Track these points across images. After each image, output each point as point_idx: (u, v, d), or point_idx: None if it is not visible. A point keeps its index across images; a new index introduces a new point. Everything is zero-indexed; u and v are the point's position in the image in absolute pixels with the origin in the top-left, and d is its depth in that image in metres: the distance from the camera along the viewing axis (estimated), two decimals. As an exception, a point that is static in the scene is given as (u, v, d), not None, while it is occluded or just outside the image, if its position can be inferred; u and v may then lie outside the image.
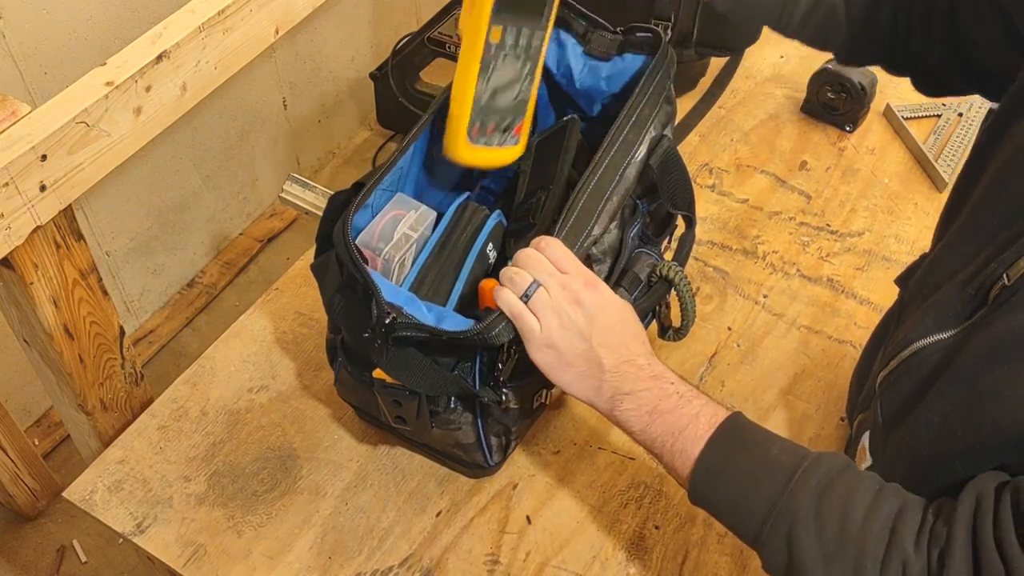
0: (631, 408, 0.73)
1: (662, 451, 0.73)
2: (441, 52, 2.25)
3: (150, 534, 0.90)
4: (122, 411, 1.04)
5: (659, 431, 0.72)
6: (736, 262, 1.17)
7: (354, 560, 0.88)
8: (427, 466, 0.96)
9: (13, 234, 0.82)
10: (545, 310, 0.73)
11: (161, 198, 1.99)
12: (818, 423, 1.00)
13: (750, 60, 1.47)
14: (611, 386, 0.74)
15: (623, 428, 0.75)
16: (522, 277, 0.75)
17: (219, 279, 2.19)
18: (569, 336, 0.73)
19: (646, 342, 0.76)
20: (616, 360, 0.73)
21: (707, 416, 0.72)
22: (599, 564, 0.89)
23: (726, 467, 0.70)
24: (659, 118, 0.88)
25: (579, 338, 0.73)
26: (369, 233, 0.85)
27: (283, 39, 1.70)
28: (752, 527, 0.68)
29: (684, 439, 0.71)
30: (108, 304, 0.97)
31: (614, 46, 0.95)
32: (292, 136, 2.31)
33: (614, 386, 0.74)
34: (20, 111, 0.83)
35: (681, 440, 0.71)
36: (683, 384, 0.74)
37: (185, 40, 0.92)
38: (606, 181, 0.83)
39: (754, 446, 0.70)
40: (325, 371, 1.03)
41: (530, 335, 0.74)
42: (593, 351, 0.73)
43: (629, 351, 0.74)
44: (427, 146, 0.91)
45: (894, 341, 0.77)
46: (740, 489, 0.69)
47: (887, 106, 1.36)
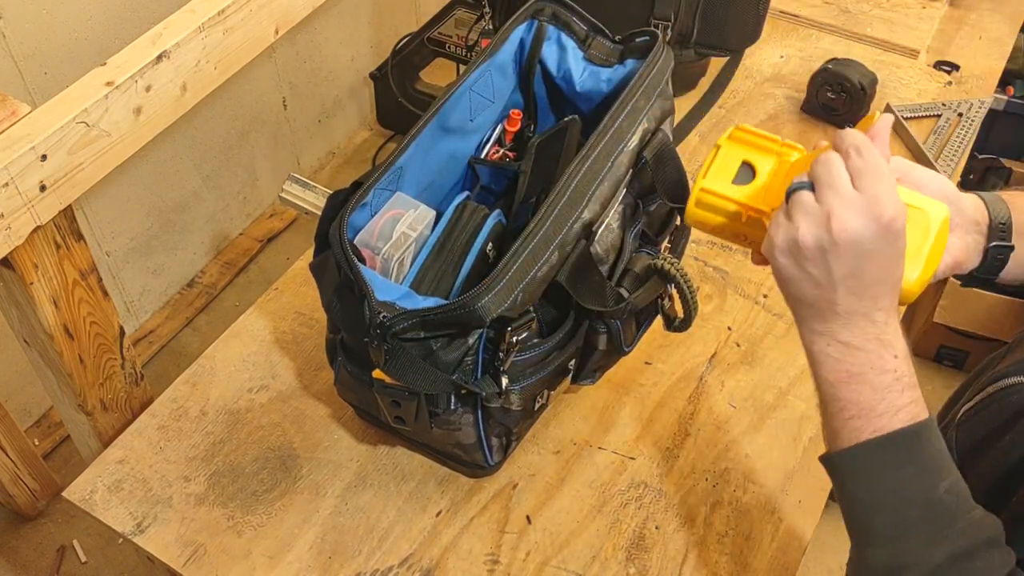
0: (836, 357, 0.64)
1: (835, 411, 0.65)
2: (441, 52, 2.26)
3: (150, 534, 0.90)
4: (122, 411, 1.04)
5: (848, 397, 0.63)
6: (736, 262, 1.17)
7: (354, 560, 0.89)
8: (427, 466, 0.96)
9: (13, 234, 0.82)
10: (798, 217, 0.62)
11: (161, 198, 1.99)
12: (818, 423, 1.00)
13: (750, 60, 1.47)
14: (830, 327, 0.64)
15: (811, 362, 0.66)
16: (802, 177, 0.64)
17: (219, 279, 2.19)
18: (810, 261, 0.62)
19: (898, 293, 0.64)
20: (852, 307, 0.62)
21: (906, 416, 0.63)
22: (599, 564, 0.89)
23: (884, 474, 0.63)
24: (653, 111, 0.89)
25: (822, 271, 0.62)
26: (368, 232, 0.85)
27: (283, 39, 1.70)
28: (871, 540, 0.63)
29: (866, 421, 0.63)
30: (108, 304, 0.97)
31: (615, 55, 0.95)
32: (292, 136, 2.31)
33: (833, 328, 0.64)
34: (20, 111, 0.83)
35: (863, 420, 0.63)
36: (906, 363, 0.63)
37: (185, 40, 0.92)
38: (598, 166, 0.83)
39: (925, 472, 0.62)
40: (325, 371, 1.03)
41: (773, 226, 0.64)
42: (833, 294, 0.62)
43: (874, 302, 0.62)
44: (427, 146, 0.91)
45: (987, 375, 0.76)
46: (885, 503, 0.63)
47: (887, 106, 1.36)
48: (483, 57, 0.94)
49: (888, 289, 0.63)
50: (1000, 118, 2.15)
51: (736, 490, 0.95)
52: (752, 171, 0.72)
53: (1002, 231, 0.71)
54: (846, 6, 1.56)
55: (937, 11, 1.56)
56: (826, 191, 0.61)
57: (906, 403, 0.62)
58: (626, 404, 1.02)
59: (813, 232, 0.61)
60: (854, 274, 0.61)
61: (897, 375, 0.63)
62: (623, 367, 1.03)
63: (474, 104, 0.94)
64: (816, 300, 0.63)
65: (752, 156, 0.73)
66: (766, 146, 0.73)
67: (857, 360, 0.63)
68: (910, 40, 1.49)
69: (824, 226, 0.60)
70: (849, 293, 0.62)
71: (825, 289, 0.62)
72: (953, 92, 1.42)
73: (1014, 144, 2.18)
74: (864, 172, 0.60)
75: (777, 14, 1.54)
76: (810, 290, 0.63)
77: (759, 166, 0.72)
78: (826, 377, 0.65)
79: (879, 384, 0.62)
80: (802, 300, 0.64)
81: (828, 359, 0.64)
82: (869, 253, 0.60)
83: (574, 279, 0.81)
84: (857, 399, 0.63)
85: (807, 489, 0.95)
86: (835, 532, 1.99)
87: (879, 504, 0.62)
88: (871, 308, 0.62)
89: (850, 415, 0.63)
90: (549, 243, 0.78)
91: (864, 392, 0.63)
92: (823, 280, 0.62)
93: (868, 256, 0.60)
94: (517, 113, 0.99)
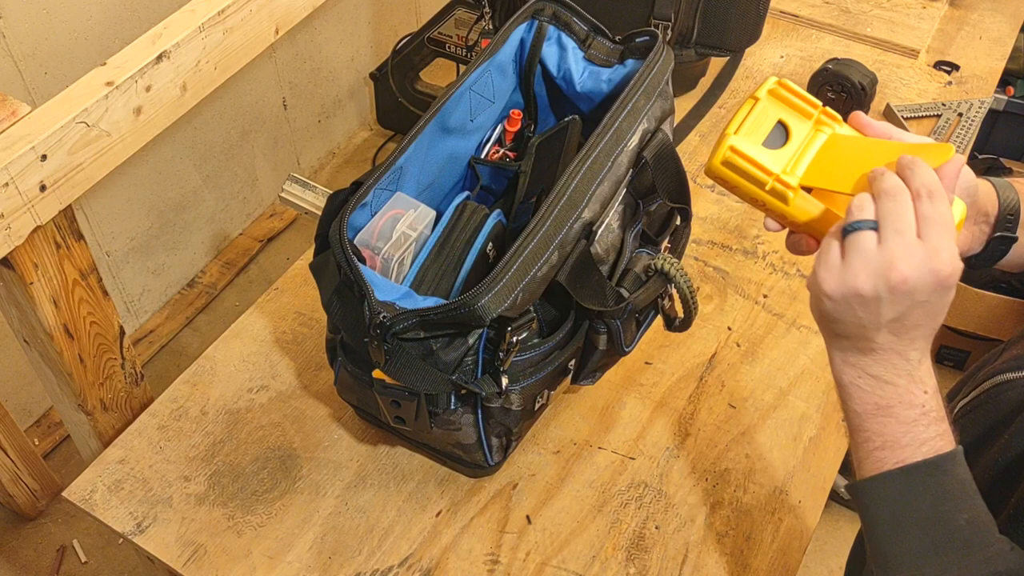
0: (866, 389, 0.64)
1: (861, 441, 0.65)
2: (441, 52, 2.26)
3: (150, 534, 0.90)
4: (122, 411, 1.04)
5: (874, 428, 0.64)
6: (736, 262, 1.17)
7: (354, 560, 0.88)
8: (427, 466, 0.96)
9: (13, 234, 0.82)
10: (855, 259, 0.61)
11: (161, 198, 1.99)
12: (818, 423, 1.00)
13: (750, 60, 1.47)
14: (864, 360, 0.64)
15: (840, 391, 0.66)
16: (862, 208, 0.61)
17: (219, 279, 2.19)
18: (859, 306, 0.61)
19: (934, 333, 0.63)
20: (890, 345, 0.62)
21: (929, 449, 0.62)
22: (599, 564, 0.89)
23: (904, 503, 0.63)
24: (653, 111, 0.89)
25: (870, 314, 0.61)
26: (368, 232, 0.85)
27: (283, 39, 1.70)
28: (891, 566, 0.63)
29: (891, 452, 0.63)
30: (108, 304, 0.97)
31: (615, 55, 0.95)
32: (292, 136, 2.31)
33: (867, 362, 0.64)
34: (20, 111, 0.83)
35: (888, 451, 0.63)
36: (935, 399, 0.63)
37: (185, 40, 0.92)
38: (598, 166, 0.83)
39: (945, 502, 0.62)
40: (325, 371, 1.03)
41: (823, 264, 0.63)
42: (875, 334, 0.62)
43: (911, 342, 0.62)
44: (427, 146, 0.91)
45: (984, 371, 0.76)
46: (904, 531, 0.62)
47: (887, 106, 1.37)
48: (483, 57, 0.94)
49: (928, 332, 0.62)
50: (1000, 118, 2.15)
51: (736, 490, 0.95)
52: (786, 133, 0.69)
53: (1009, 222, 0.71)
54: (846, 6, 1.56)
55: (937, 11, 1.56)
56: (892, 236, 0.59)
57: (931, 437, 0.62)
58: (626, 404, 1.02)
59: (872, 281, 0.60)
60: (899, 319, 0.61)
61: (924, 410, 0.63)
62: (623, 367, 1.03)
63: (474, 104, 0.94)
64: (856, 337, 0.63)
65: (789, 117, 0.70)
66: (805, 109, 0.70)
67: (886, 394, 0.63)
68: (910, 40, 1.49)
69: (883, 275, 0.59)
70: (890, 333, 0.62)
71: (868, 329, 0.62)
72: (953, 92, 1.42)
73: (1014, 144, 2.18)
74: (932, 221, 0.59)
75: (777, 14, 1.54)
76: (852, 329, 0.63)
77: (794, 130, 0.69)
78: (854, 408, 0.65)
79: (906, 418, 0.62)
80: (841, 335, 0.64)
81: (858, 391, 0.64)
82: (921, 304, 0.60)
83: (574, 279, 0.81)
84: (883, 431, 0.63)
85: (807, 489, 0.95)
86: (835, 532, 2.00)
87: (899, 532, 0.62)
88: (907, 347, 0.62)
89: (875, 446, 0.63)
90: (549, 243, 0.78)
91: (890, 425, 0.63)
92: (868, 323, 0.61)
93: (919, 305, 0.60)
94: (517, 113, 0.99)
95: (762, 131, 0.70)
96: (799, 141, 0.69)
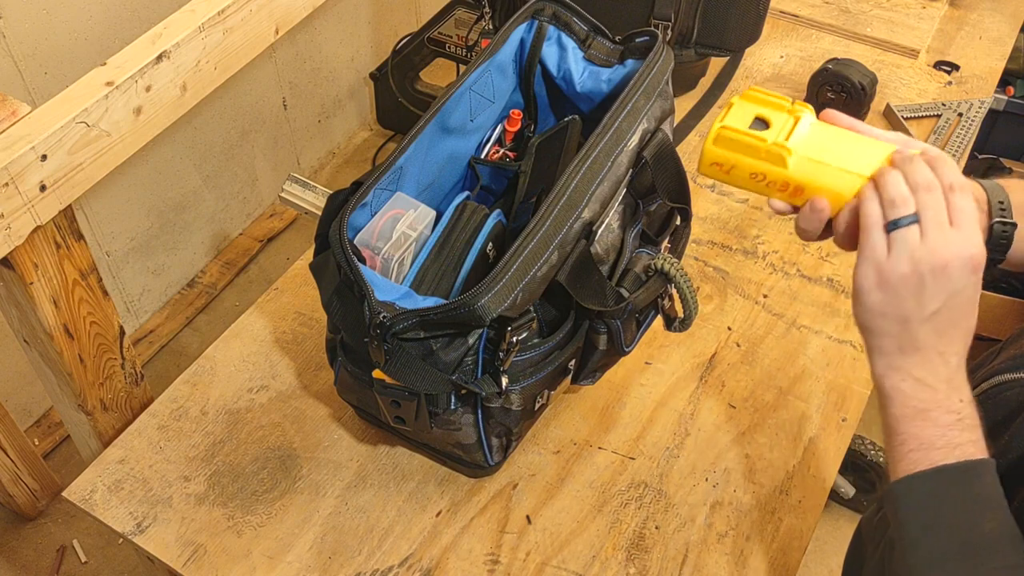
0: (906, 392, 0.66)
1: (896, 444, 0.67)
2: (441, 52, 2.26)
3: (150, 534, 0.90)
4: (122, 411, 1.04)
5: (911, 432, 0.66)
6: (736, 262, 1.17)
7: (354, 560, 0.89)
8: (427, 466, 0.96)
9: (13, 234, 0.82)
10: (902, 252, 0.64)
11: (161, 198, 1.99)
12: (818, 423, 1.00)
13: (750, 60, 1.47)
14: (908, 361, 0.66)
15: (882, 397, 0.68)
16: (904, 203, 0.65)
17: (219, 279, 2.19)
18: (906, 297, 0.64)
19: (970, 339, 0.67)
20: (932, 344, 0.65)
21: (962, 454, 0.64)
22: (599, 564, 0.89)
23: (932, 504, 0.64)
24: (653, 111, 0.89)
25: (916, 305, 0.64)
26: (368, 232, 0.85)
27: (283, 39, 1.70)
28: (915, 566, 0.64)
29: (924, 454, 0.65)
30: (108, 304, 0.97)
31: (615, 55, 0.95)
32: (292, 136, 2.31)
33: (910, 364, 0.66)
34: (20, 111, 0.83)
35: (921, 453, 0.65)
36: (970, 407, 0.66)
37: (185, 40, 0.92)
38: (598, 166, 0.83)
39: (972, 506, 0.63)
40: (325, 371, 1.03)
41: (869, 257, 0.66)
42: (918, 327, 0.65)
43: (951, 343, 0.65)
44: (427, 146, 0.91)
45: (981, 372, 0.76)
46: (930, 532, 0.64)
47: (887, 106, 1.37)
48: (483, 57, 0.94)
49: (963, 333, 0.65)
50: (1000, 118, 2.15)
51: (736, 490, 0.95)
52: (766, 125, 0.73)
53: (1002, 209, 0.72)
54: (846, 6, 1.56)
55: (937, 11, 1.56)
56: (934, 228, 0.64)
57: (964, 442, 0.64)
58: (626, 404, 1.02)
59: (917, 268, 0.63)
60: (940, 311, 0.64)
61: (960, 416, 0.65)
62: (623, 367, 1.03)
63: (474, 104, 0.94)
64: (899, 334, 0.66)
65: (765, 112, 0.74)
66: (778, 104, 0.74)
67: (926, 397, 0.65)
68: (910, 40, 1.49)
69: (928, 263, 0.63)
70: (933, 330, 0.65)
71: (912, 323, 0.65)
72: (953, 92, 1.42)
73: (1014, 144, 2.18)
74: (963, 211, 0.64)
75: (777, 14, 1.54)
76: (896, 325, 0.65)
77: (773, 120, 0.73)
78: (894, 412, 0.67)
79: (942, 422, 0.65)
80: (886, 333, 0.67)
81: (900, 394, 0.66)
82: (957, 291, 0.64)
83: (574, 279, 0.81)
84: (919, 434, 0.65)
85: (807, 489, 0.95)
86: (835, 532, 2.00)
87: (927, 532, 0.64)
88: (948, 348, 0.65)
89: (910, 448, 0.65)
90: (549, 243, 0.78)
91: (927, 428, 0.65)
92: (913, 315, 0.65)
93: (955, 293, 0.64)
94: (517, 113, 0.99)
95: (744, 122, 0.74)
96: (780, 124, 0.73)
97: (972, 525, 0.62)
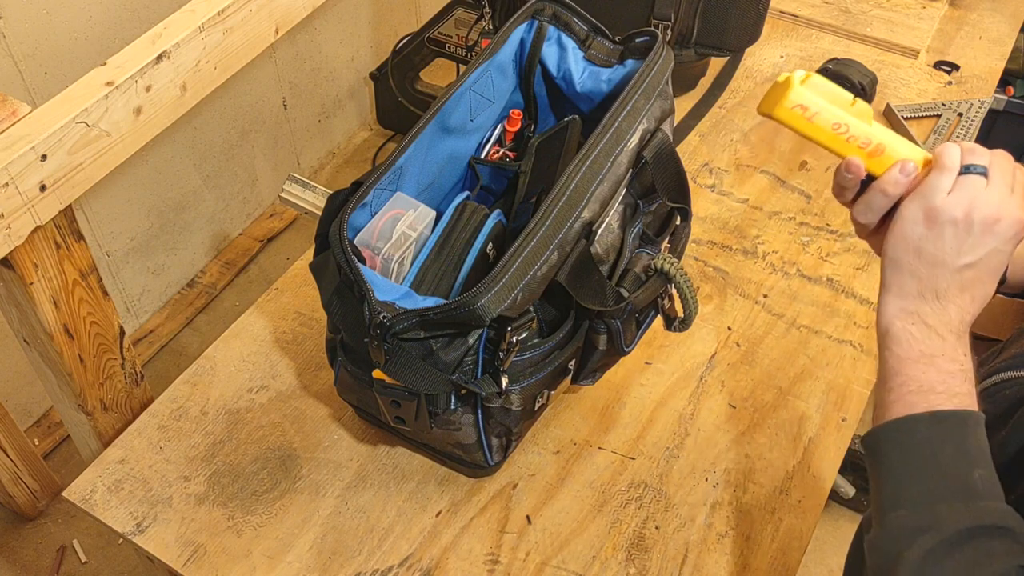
0: (917, 337, 0.67)
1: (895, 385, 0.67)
2: (441, 52, 2.26)
3: (150, 534, 0.90)
4: (122, 411, 1.04)
5: (913, 374, 0.67)
6: (736, 262, 1.17)
7: (354, 560, 0.89)
8: (427, 466, 0.96)
9: (13, 234, 0.82)
10: (963, 196, 0.66)
11: (161, 198, 1.99)
12: (818, 423, 1.00)
13: (750, 60, 1.47)
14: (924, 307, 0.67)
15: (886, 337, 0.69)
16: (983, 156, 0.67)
17: (219, 279, 2.19)
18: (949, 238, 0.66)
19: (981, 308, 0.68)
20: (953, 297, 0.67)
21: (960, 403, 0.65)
22: (599, 564, 0.89)
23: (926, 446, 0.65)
24: (653, 111, 0.89)
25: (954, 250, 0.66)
26: (368, 232, 0.85)
27: (283, 39, 1.70)
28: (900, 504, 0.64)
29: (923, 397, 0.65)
30: (108, 304, 0.97)
31: (615, 55, 0.95)
32: (292, 136, 2.31)
33: (926, 310, 0.67)
34: (20, 111, 0.83)
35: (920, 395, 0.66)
36: (971, 364, 0.67)
37: (185, 40, 0.92)
38: (598, 166, 0.83)
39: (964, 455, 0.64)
40: (325, 371, 1.03)
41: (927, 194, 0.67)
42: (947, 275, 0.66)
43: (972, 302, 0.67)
44: (427, 146, 0.91)
45: (982, 371, 0.77)
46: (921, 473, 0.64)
47: (887, 106, 1.37)
48: (483, 57, 0.94)
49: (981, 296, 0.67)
50: (1000, 118, 2.15)
51: (736, 490, 0.95)
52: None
53: None
54: (846, 6, 1.56)
55: (937, 11, 1.56)
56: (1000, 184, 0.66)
57: (963, 392, 0.65)
58: (626, 404, 1.02)
59: (970, 215, 0.65)
60: (973, 265, 0.66)
61: (963, 367, 0.66)
62: (623, 367, 1.03)
63: (474, 104, 0.94)
64: (926, 276, 0.67)
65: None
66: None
67: (935, 344, 0.66)
68: (910, 40, 1.49)
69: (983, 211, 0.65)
70: (959, 282, 0.66)
71: (943, 268, 0.66)
72: (953, 92, 1.42)
73: (1014, 144, 2.18)
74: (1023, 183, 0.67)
75: (777, 14, 1.54)
76: (926, 267, 0.67)
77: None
78: (899, 353, 0.67)
79: (946, 370, 0.66)
80: (912, 273, 0.68)
81: (909, 337, 0.67)
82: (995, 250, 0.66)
83: (574, 279, 0.81)
84: (921, 377, 0.66)
85: (807, 489, 0.95)
86: (835, 532, 1.99)
87: (915, 473, 0.64)
88: (967, 305, 0.67)
89: (910, 390, 0.66)
90: (549, 243, 0.78)
91: (930, 372, 0.66)
92: (948, 260, 0.66)
93: (993, 252, 0.66)
94: (517, 113, 0.99)
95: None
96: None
97: (964, 473, 0.63)
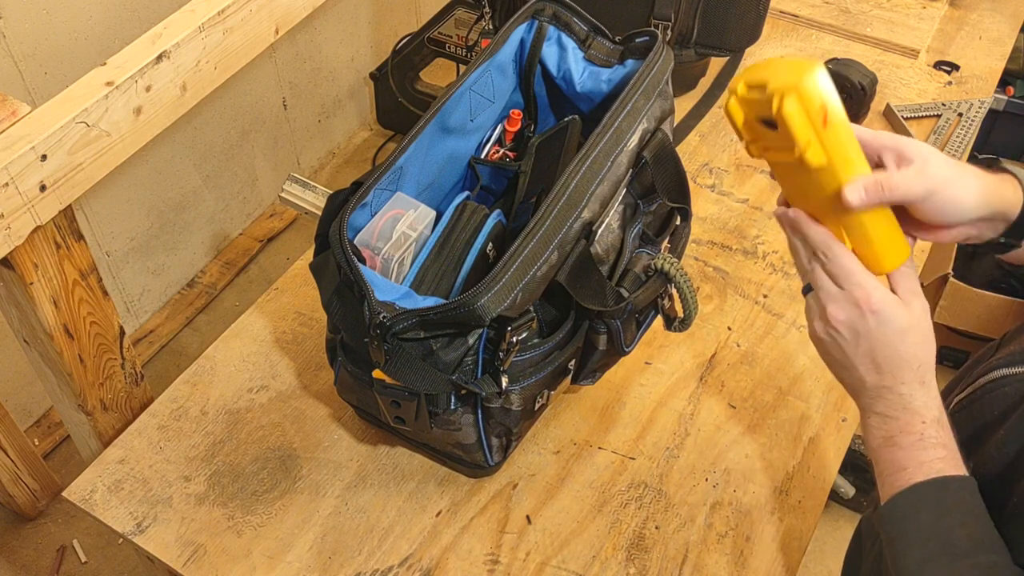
0: (875, 426, 0.73)
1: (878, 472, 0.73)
2: (441, 52, 2.26)
3: (150, 534, 0.90)
4: (122, 411, 1.04)
5: (885, 458, 0.72)
6: (736, 262, 1.17)
7: (354, 560, 0.89)
8: (427, 466, 0.96)
9: (13, 234, 0.82)
10: (811, 316, 0.73)
11: (161, 198, 1.99)
12: (818, 423, 1.00)
13: (750, 60, 1.47)
14: (865, 401, 0.73)
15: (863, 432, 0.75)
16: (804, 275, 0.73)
17: (219, 279, 2.19)
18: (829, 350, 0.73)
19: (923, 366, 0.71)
20: (877, 382, 0.71)
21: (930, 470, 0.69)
22: (599, 564, 0.89)
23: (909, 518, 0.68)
24: (653, 111, 0.89)
25: (840, 355, 0.72)
26: (368, 232, 0.85)
27: (283, 39, 1.70)
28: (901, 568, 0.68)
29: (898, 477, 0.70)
30: (108, 304, 0.97)
31: (615, 55, 0.95)
32: (292, 136, 2.31)
33: (868, 402, 0.73)
34: (20, 111, 0.83)
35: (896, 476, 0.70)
36: (934, 427, 0.70)
37: (185, 40, 0.92)
38: (598, 166, 0.83)
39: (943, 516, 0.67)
40: (325, 371, 1.03)
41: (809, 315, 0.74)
42: (855, 368, 0.72)
43: (895, 377, 0.71)
44: (427, 146, 0.91)
45: (980, 367, 0.77)
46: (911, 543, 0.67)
47: (887, 106, 1.37)
48: (483, 57, 0.94)
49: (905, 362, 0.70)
50: (1000, 118, 2.15)
51: (736, 490, 0.95)
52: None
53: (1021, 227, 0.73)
54: (846, 6, 1.56)
55: (937, 11, 1.56)
56: (820, 294, 0.72)
57: (931, 459, 0.69)
58: (626, 404, 1.02)
59: (821, 327, 0.72)
60: (864, 354, 0.70)
61: (922, 437, 0.70)
62: (623, 367, 1.03)
63: (474, 104, 0.94)
64: (849, 379, 0.73)
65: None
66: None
67: (889, 427, 0.71)
68: (910, 40, 1.49)
69: (824, 319, 0.71)
70: (868, 371, 0.71)
71: (850, 369, 0.72)
72: (953, 92, 1.42)
73: (1014, 144, 2.18)
74: (838, 274, 0.70)
75: (777, 14, 1.54)
76: (840, 370, 0.74)
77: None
78: (870, 444, 0.73)
79: (907, 444, 0.70)
80: (841, 380, 0.75)
81: (869, 427, 0.73)
82: (866, 334, 0.70)
83: (574, 279, 0.81)
84: (891, 459, 0.71)
85: (807, 489, 0.95)
86: (835, 532, 1.99)
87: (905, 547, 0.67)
88: (894, 383, 0.70)
89: (888, 473, 0.71)
90: (549, 243, 0.78)
91: (896, 452, 0.71)
92: (845, 362, 0.72)
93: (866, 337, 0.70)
94: (517, 113, 1.00)
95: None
96: None
97: (947, 531, 0.66)
